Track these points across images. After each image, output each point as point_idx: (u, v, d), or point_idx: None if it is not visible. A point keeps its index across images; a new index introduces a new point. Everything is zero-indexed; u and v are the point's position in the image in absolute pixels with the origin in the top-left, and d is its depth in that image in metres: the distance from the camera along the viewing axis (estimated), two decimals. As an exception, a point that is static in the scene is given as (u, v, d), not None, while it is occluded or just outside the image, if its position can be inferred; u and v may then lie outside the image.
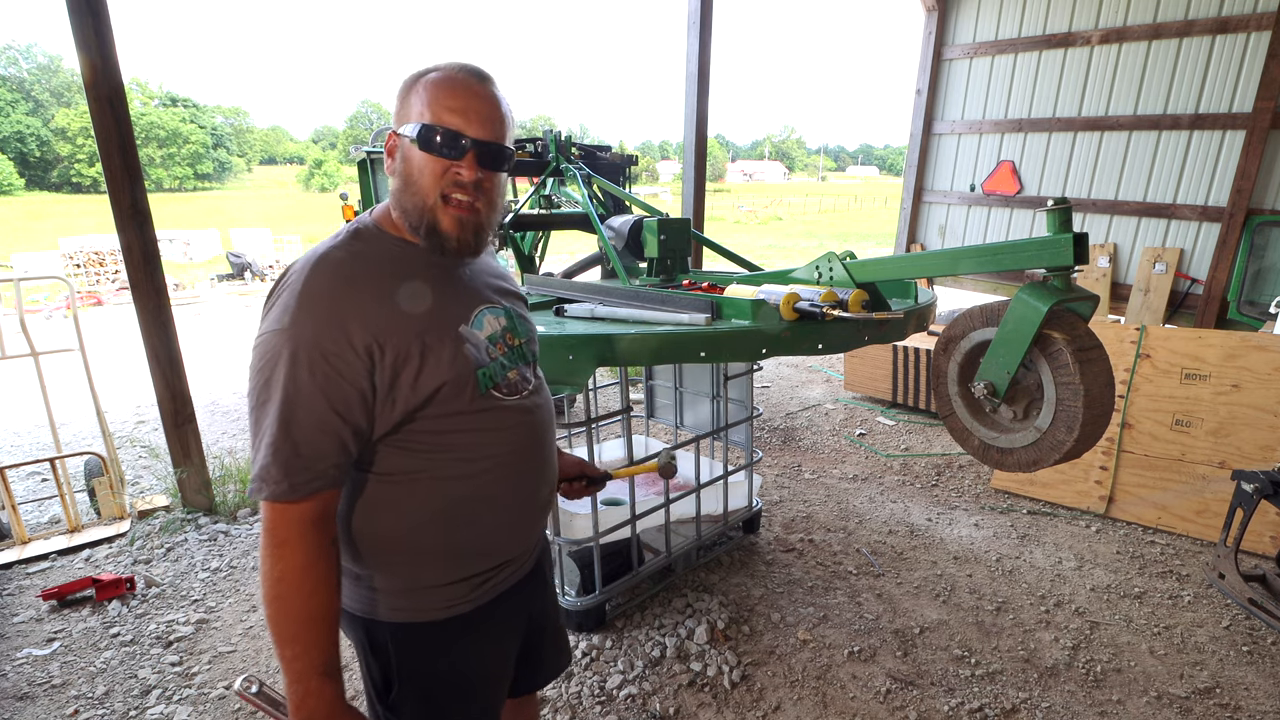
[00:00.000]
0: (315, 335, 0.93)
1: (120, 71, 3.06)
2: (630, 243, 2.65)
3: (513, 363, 1.13)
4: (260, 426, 0.95)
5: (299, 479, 0.94)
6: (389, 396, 0.99)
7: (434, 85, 1.00)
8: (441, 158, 0.99)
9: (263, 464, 0.94)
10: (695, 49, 5.09)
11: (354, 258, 1.01)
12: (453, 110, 0.99)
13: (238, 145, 78.61)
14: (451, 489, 1.07)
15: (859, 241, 22.14)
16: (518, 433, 1.13)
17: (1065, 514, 3.60)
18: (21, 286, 3.38)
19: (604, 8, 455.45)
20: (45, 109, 59.37)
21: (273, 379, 0.93)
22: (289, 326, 0.93)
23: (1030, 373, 1.46)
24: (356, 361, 0.95)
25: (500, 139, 1.03)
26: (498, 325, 1.13)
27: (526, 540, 1.22)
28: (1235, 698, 2.32)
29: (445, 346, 1.02)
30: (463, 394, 1.04)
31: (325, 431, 0.95)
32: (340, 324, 0.94)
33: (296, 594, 0.95)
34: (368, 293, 0.98)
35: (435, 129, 0.98)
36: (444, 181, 1.00)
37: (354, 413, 0.96)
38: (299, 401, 0.93)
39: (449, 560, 1.11)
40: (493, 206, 1.07)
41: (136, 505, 3.54)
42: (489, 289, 1.17)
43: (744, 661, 2.47)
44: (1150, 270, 6.14)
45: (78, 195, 50.53)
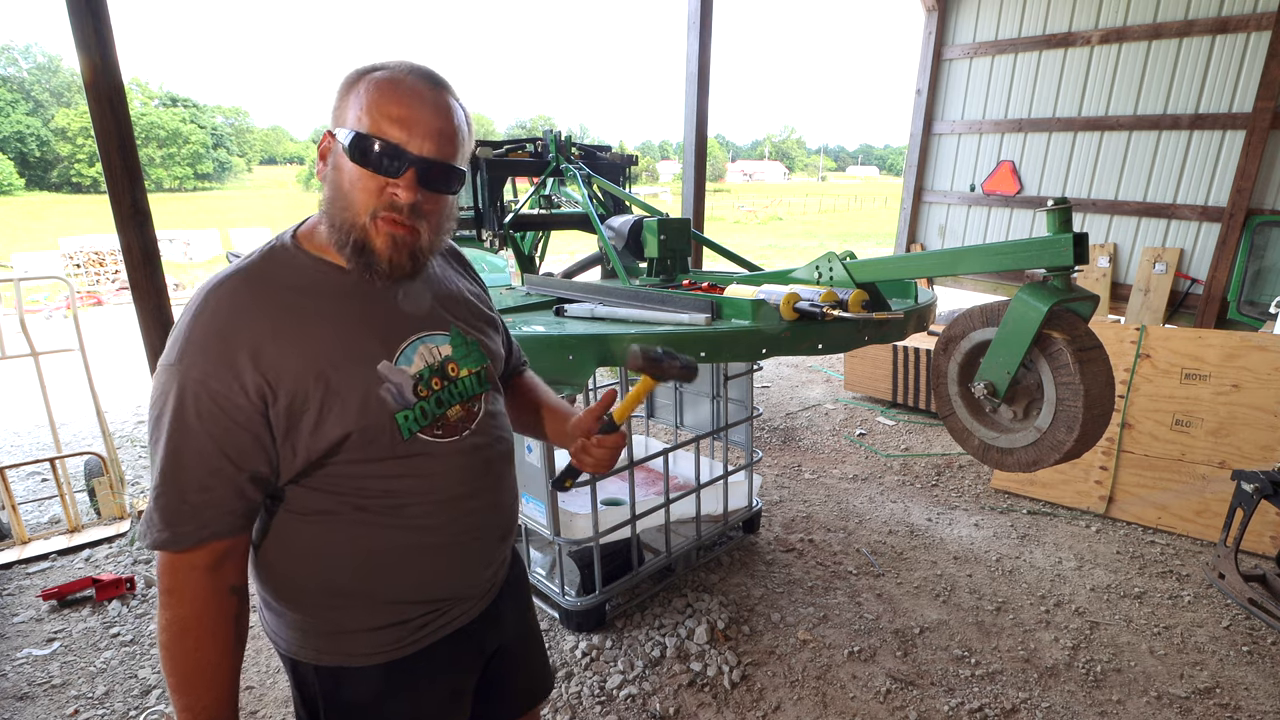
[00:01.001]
0: (203, 373, 0.83)
1: (120, 71, 3.06)
2: (630, 243, 2.66)
3: (455, 398, 1.00)
4: (154, 458, 0.87)
5: (184, 528, 0.86)
6: (287, 442, 0.89)
7: (377, 87, 0.88)
8: (376, 174, 0.87)
9: (148, 509, 0.87)
10: (695, 49, 5.09)
11: (255, 283, 0.89)
12: (394, 120, 0.86)
13: (238, 145, 78.62)
14: (375, 532, 0.97)
15: (859, 241, 22.14)
16: (453, 477, 1.01)
17: (1065, 514, 3.60)
18: (21, 286, 3.37)
19: (604, 8, 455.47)
20: (45, 109, 59.37)
21: (160, 418, 0.85)
22: (176, 362, 0.84)
23: (1030, 373, 1.46)
24: (247, 404, 0.85)
25: (448, 157, 0.90)
26: (435, 357, 0.99)
27: (472, 582, 1.10)
28: (1235, 698, 2.32)
29: (354, 389, 0.90)
30: (378, 441, 0.92)
31: (216, 478, 0.86)
32: (229, 361, 0.84)
33: (181, 645, 0.89)
34: (263, 325, 0.87)
35: (371, 139, 0.86)
36: (379, 200, 0.88)
37: (249, 458, 0.87)
38: (186, 446, 0.84)
39: (375, 604, 1.00)
40: (436, 230, 0.94)
41: (136, 505, 3.54)
42: (432, 312, 1.02)
43: (744, 661, 2.47)
44: (1150, 270, 6.14)
45: (78, 195, 50.53)
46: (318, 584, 0.98)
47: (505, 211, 3.09)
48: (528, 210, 3.41)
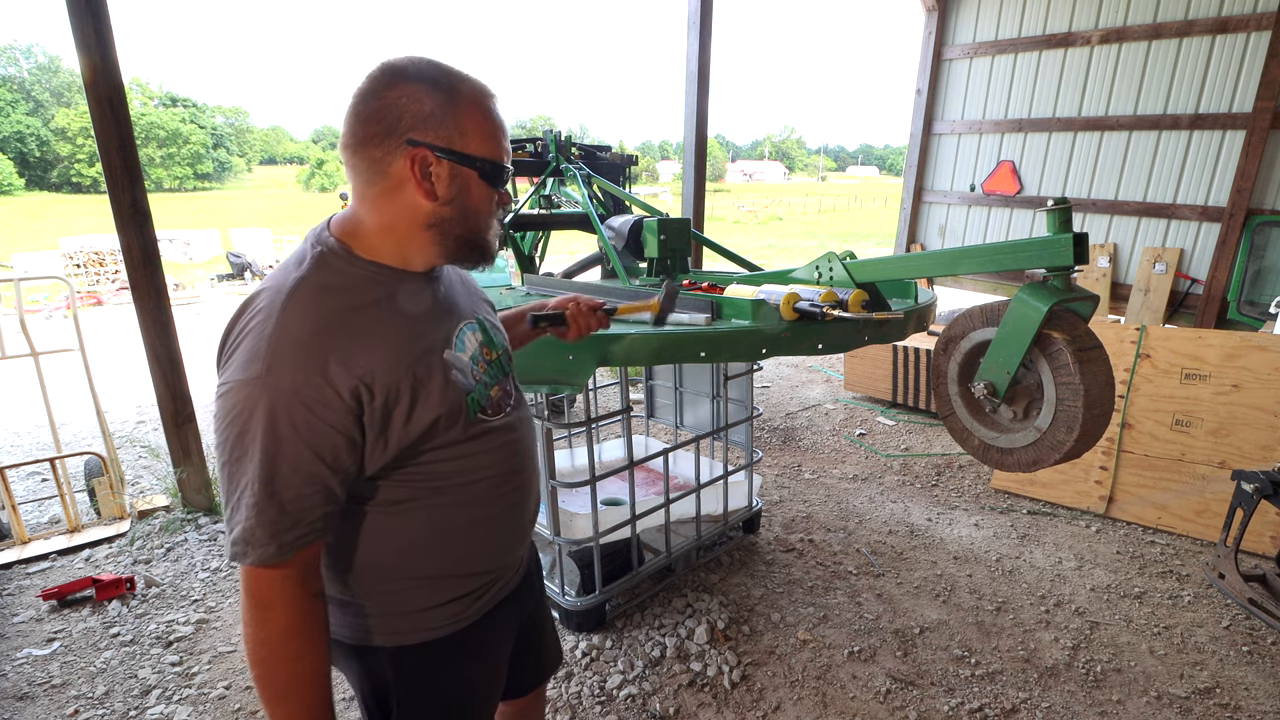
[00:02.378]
0: (294, 384, 0.85)
1: (120, 71, 3.06)
2: (630, 243, 2.65)
3: (493, 379, 1.09)
4: (236, 485, 0.87)
5: (286, 539, 0.87)
6: (380, 439, 0.93)
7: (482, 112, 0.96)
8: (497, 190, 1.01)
9: (245, 526, 0.86)
10: (695, 49, 5.09)
11: (324, 291, 0.92)
12: (499, 141, 0.99)
13: (238, 145, 78.60)
14: (446, 514, 1.05)
15: (859, 241, 22.14)
16: (505, 451, 1.10)
17: (1065, 514, 3.60)
18: (21, 286, 3.37)
19: (604, 8, 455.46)
20: (45, 109, 59.36)
21: (247, 433, 0.85)
22: (263, 375, 0.85)
23: (1030, 373, 1.46)
24: (342, 407, 0.87)
25: None
26: (476, 342, 1.08)
27: (517, 553, 1.22)
28: (1235, 698, 2.32)
29: (435, 377, 0.97)
30: (456, 424, 0.99)
31: (312, 484, 0.88)
32: (320, 369, 0.86)
33: (282, 658, 0.91)
34: (347, 330, 0.90)
35: (499, 165, 0.98)
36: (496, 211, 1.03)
37: (342, 460, 0.90)
38: (281, 457, 0.85)
39: (445, 581, 1.09)
40: None
41: (136, 505, 3.54)
42: (461, 301, 1.11)
43: (744, 661, 2.47)
44: (1150, 270, 6.14)
45: (78, 195, 50.52)
46: (395, 569, 1.04)
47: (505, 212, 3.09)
48: (528, 210, 3.41)
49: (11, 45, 62.70)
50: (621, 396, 2.90)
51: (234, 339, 0.91)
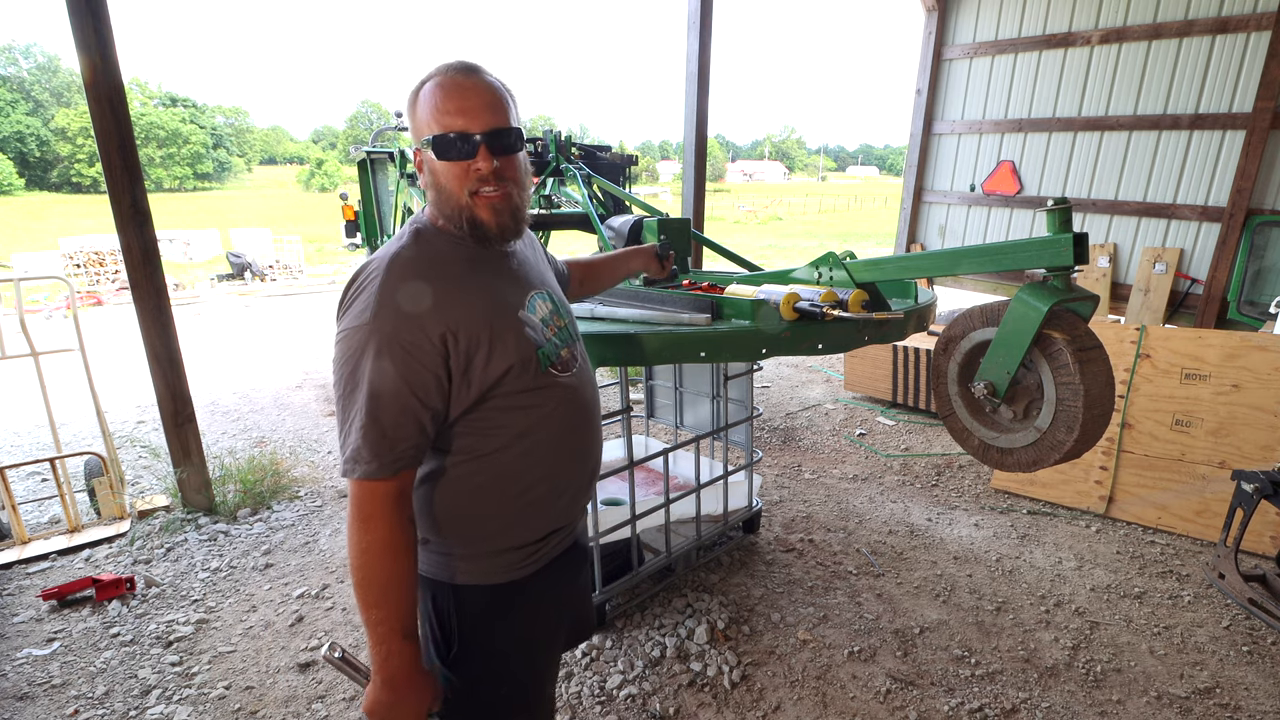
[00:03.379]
0: (395, 329, 1.02)
1: (120, 71, 3.06)
2: (630, 243, 2.65)
3: (563, 342, 1.22)
4: (349, 413, 1.04)
5: (387, 459, 1.03)
6: (464, 379, 1.08)
7: (432, 94, 1.07)
8: (458, 160, 1.07)
9: (355, 446, 1.03)
10: (695, 49, 5.09)
11: (420, 257, 1.10)
12: (452, 113, 1.06)
13: (238, 145, 78.57)
14: (516, 464, 1.16)
15: (859, 241, 22.13)
16: (571, 407, 1.22)
17: (1065, 514, 3.60)
18: (21, 286, 3.37)
19: (604, 8, 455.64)
20: (45, 109, 59.36)
21: (359, 369, 1.02)
22: (370, 321, 1.02)
23: (1030, 373, 1.46)
24: (433, 350, 1.03)
25: (502, 122, 1.09)
26: (546, 309, 1.22)
27: (576, 509, 1.31)
28: (1235, 698, 2.32)
29: (509, 331, 1.11)
30: (527, 372, 1.13)
31: (407, 415, 1.03)
32: (416, 317, 1.03)
33: (380, 563, 1.04)
34: (438, 287, 1.06)
35: (444, 137, 1.06)
36: (468, 181, 1.08)
37: (432, 397, 1.05)
38: (384, 389, 1.02)
39: (512, 528, 1.20)
40: (520, 185, 1.14)
41: (136, 505, 3.54)
42: (533, 274, 1.25)
43: (744, 661, 2.47)
44: (1150, 270, 6.14)
45: (78, 195, 50.52)
46: (467, 514, 1.17)
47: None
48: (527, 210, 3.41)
49: (11, 45, 62.68)
50: (621, 396, 2.90)
51: (350, 295, 1.08)
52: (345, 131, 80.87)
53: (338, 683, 2.40)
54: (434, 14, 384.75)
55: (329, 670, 2.46)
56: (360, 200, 5.54)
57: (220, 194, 58.10)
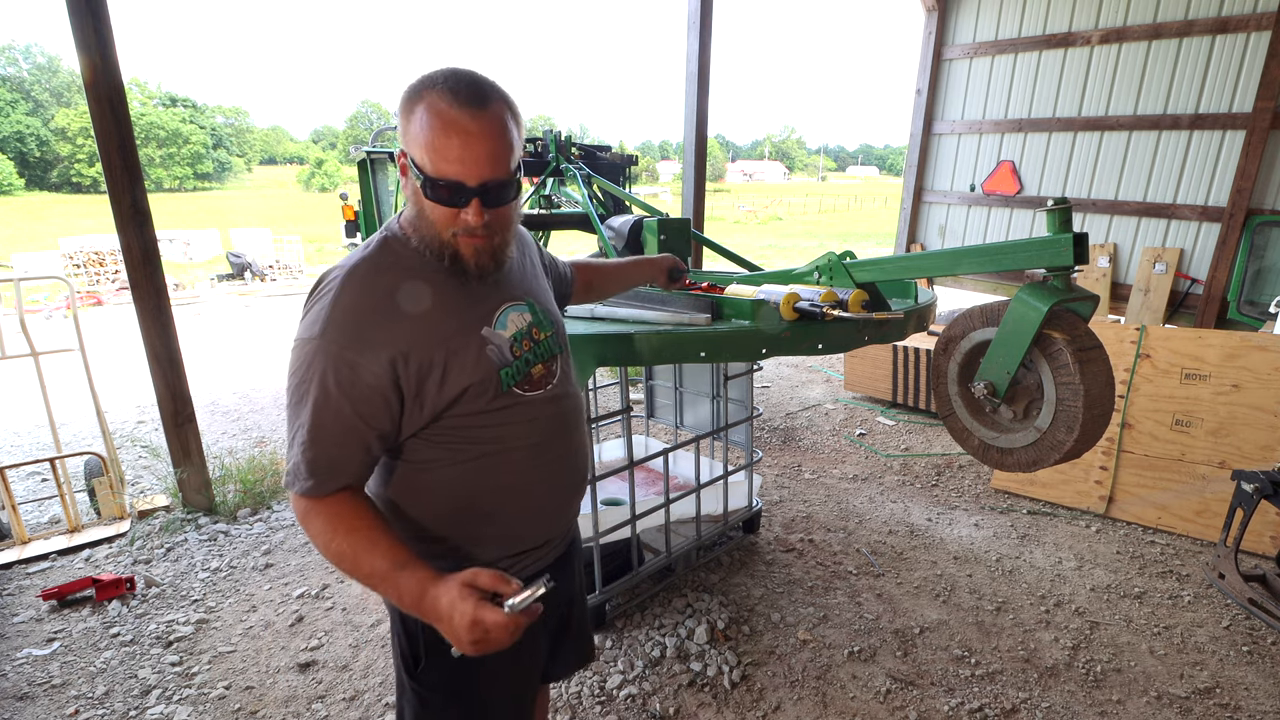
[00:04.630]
0: (342, 347, 0.98)
1: (120, 71, 3.06)
2: (630, 243, 2.65)
3: (538, 358, 1.17)
4: (294, 426, 1.02)
5: (324, 478, 1.02)
6: (416, 401, 1.04)
7: (431, 125, 0.96)
8: (448, 207, 1.01)
9: (295, 462, 1.02)
10: (695, 49, 5.09)
11: (381, 270, 1.05)
12: (451, 160, 0.96)
13: (238, 145, 78.56)
14: (474, 479, 1.13)
15: (859, 241, 22.13)
16: (539, 425, 1.17)
17: (1065, 514, 3.60)
18: (21, 286, 3.37)
19: (604, 8, 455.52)
20: (45, 109, 59.35)
21: (305, 384, 1.00)
22: (319, 336, 0.99)
23: (1030, 373, 1.46)
24: (381, 372, 1.00)
25: (501, 174, 1.00)
26: (522, 322, 1.16)
27: (551, 528, 1.27)
28: (1235, 698, 2.32)
29: (469, 351, 1.07)
30: (486, 393, 1.09)
31: (350, 436, 1.01)
32: (366, 337, 0.99)
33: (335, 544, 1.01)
34: (393, 305, 1.03)
35: (438, 183, 0.98)
36: (454, 225, 1.02)
37: (378, 419, 1.02)
38: (327, 408, 0.99)
39: (475, 546, 1.16)
40: (506, 229, 1.08)
41: (136, 505, 3.54)
42: (515, 284, 1.19)
43: (744, 661, 2.47)
44: (1150, 270, 6.14)
45: (78, 195, 50.51)
46: (427, 525, 1.14)
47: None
48: (528, 210, 3.41)
49: (11, 45, 62.67)
50: (621, 396, 2.90)
51: (310, 302, 1.05)
52: (345, 131, 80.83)
53: (337, 683, 2.40)
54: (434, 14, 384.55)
55: (329, 670, 2.47)
56: (360, 200, 5.54)
57: (220, 194, 58.08)
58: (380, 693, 2.34)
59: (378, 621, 2.73)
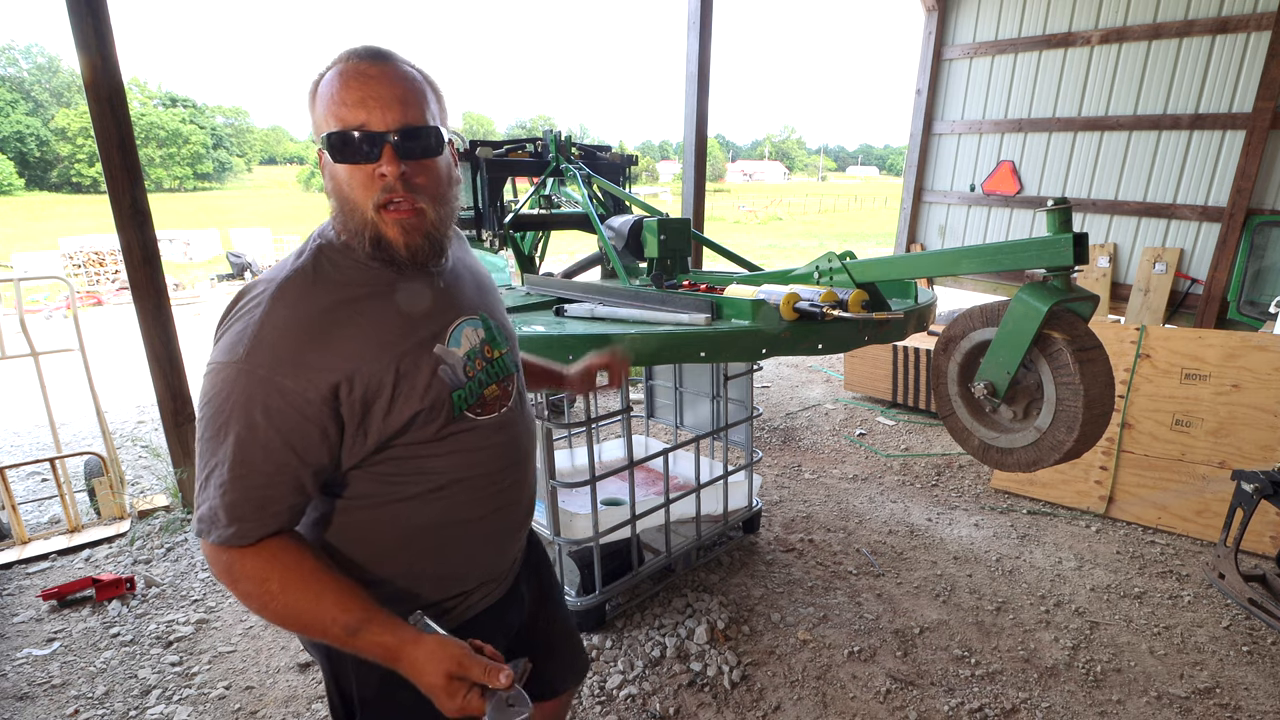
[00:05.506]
0: (271, 372, 0.85)
1: (120, 71, 3.06)
2: (630, 243, 2.65)
3: (491, 378, 1.05)
4: (207, 463, 0.87)
5: (248, 525, 0.87)
6: (359, 431, 0.92)
7: (329, 84, 0.89)
8: (360, 163, 0.88)
9: (210, 506, 0.87)
10: (695, 49, 5.09)
11: (316, 282, 0.92)
12: (352, 105, 0.86)
13: (238, 145, 78.58)
14: (419, 514, 1.01)
15: (859, 241, 22.13)
16: (491, 453, 1.06)
17: (1065, 514, 3.60)
18: (21, 286, 3.37)
19: (604, 8, 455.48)
20: (45, 109, 59.35)
21: (223, 415, 0.85)
22: (243, 359, 0.85)
23: (1030, 373, 1.46)
24: (318, 398, 0.87)
25: (415, 120, 0.89)
26: (476, 339, 1.04)
27: (498, 564, 1.16)
28: (1235, 698, 2.32)
29: (420, 372, 0.94)
30: (436, 419, 0.97)
31: (281, 473, 0.88)
32: (301, 359, 0.86)
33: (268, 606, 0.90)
34: (332, 322, 0.89)
35: (341, 134, 0.87)
36: (374, 190, 0.89)
37: (314, 452, 0.89)
38: (253, 443, 0.85)
39: (414, 586, 1.05)
40: (438, 200, 0.94)
41: (137, 505, 3.54)
42: (467, 297, 1.07)
43: (744, 661, 2.47)
44: (1150, 270, 6.14)
45: (78, 195, 50.51)
46: (362, 567, 1.01)
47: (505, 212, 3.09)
48: (528, 210, 3.41)
49: (11, 45, 62.67)
50: (621, 396, 2.90)
51: (227, 322, 0.91)
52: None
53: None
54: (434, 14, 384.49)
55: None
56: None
57: (220, 194, 58.08)
58: (380, 693, 2.34)
59: (378, 621, 2.73)
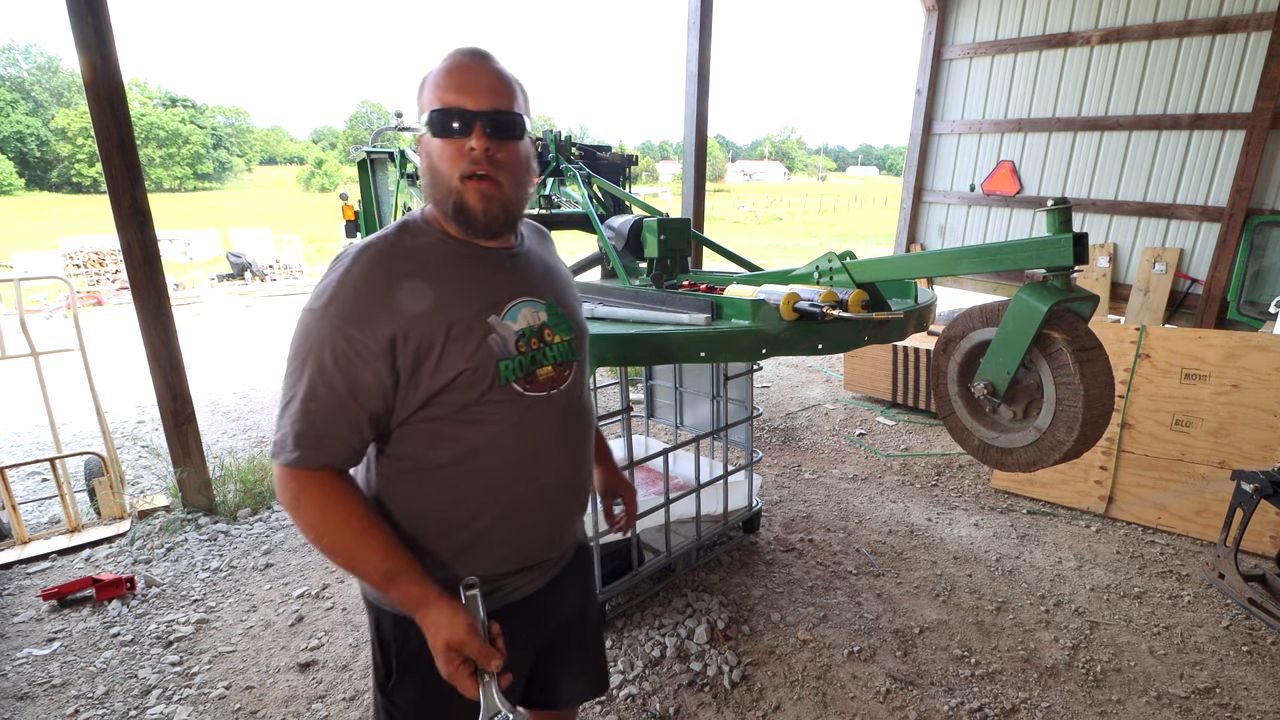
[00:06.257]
0: (343, 322, 0.98)
1: (120, 71, 3.06)
2: (630, 243, 2.65)
3: (546, 360, 1.12)
4: (287, 394, 1.02)
5: (309, 453, 1.00)
6: (411, 382, 1.03)
7: (435, 74, 1.04)
8: (452, 138, 1.02)
9: (283, 432, 1.01)
10: (695, 49, 5.09)
11: (393, 250, 1.05)
12: (453, 89, 1.02)
13: (238, 145, 78.54)
14: (463, 481, 1.09)
15: (859, 241, 22.13)
16: (538, 428, 1.12)
17: (1065, 514, 3.60)
18: (21, 286, 3.37)
19: (604, 8, 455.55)
20: (45, 109, 59.35)
21: (302, 354, 1.00)
22: (322, 309, 0.99)
23: (1030, 373, 1.46)
24: (378, 349, 0.99)
25: (505, 105, 1.03)
26: (535, 319, 1.12)
27: (540, 550, 1.20)
28: (1235, 698, 2.32)
29: (471, 337, 1.04)
30: (481, 382, 1.05)
31: (342, 412, 1.00)
32: (368, 313, 0.98)
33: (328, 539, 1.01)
34: (400, 284, 1.01)
35: (439, 111, 1.02)
36: (461, 162, 1.02)
37: (372, 400, 1.01)
38: (321, 381, 0.99)
39: (454, 558, 1.11)
40: (515, 180, 1.07)
41: (136, 505, 3.54)
42: (536, 281, 1.16)
43: (744, 661, 2.47)
44: (1150, 270, 6.14)
45: (78, 195, 50.50)
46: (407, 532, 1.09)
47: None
48: (528, 211, 3.41)
49: (11, 45, 62.64)
50: (621, 396, 2.90)
51: (324, 275, 1.04)
52: (345, 131, 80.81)
53: (338, 683, 2.40)
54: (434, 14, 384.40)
55: (329, 670, 2.47)
56: (360, 200, 5.54)
57: (220, 194, 58.07)
58: (380, 693, 2.34)
59: (378, 621, 2.73)
